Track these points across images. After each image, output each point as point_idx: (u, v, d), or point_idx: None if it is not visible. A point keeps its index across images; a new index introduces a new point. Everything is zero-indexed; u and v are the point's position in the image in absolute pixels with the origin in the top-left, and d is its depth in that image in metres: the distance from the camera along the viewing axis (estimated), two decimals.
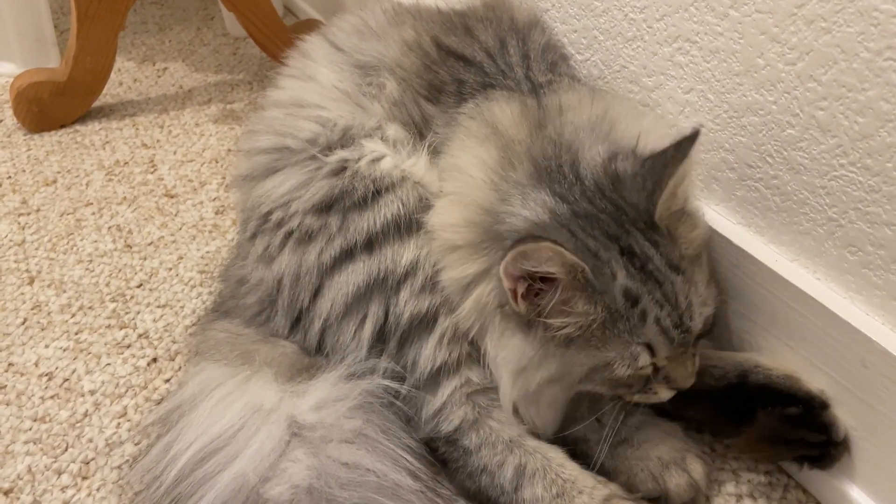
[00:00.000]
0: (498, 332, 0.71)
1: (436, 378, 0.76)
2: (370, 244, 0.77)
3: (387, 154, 0.81)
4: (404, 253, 0.76)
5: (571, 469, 0.74)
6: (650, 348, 0.67)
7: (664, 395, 0.72)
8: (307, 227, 0.79)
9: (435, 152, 0.81)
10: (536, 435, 0.77)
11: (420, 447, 0.76)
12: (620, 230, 0.67)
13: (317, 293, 0.80)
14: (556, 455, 0.75)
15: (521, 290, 0.66)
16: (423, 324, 0.76)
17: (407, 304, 0.76)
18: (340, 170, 0.80)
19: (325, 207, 0.79)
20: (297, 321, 0.82)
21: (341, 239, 0.78)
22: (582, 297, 0.66)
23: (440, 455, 0.77)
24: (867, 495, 0.71)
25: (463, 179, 0.75)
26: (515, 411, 0.76)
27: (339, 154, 0.81)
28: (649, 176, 0.68)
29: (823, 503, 0.76)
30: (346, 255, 0.78)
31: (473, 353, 0.77)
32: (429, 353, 0.75)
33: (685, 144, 0.67)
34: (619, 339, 0.67)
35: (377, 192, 0.78)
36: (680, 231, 0.69)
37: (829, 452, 0.72)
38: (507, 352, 0.71)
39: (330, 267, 0.78)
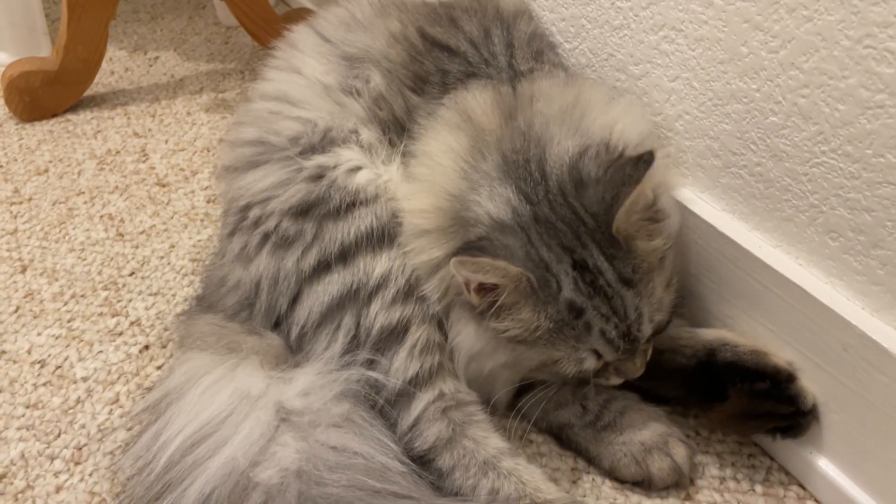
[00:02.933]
0: (455, 317, 0.74)
1: (409, 389, 0.76)
2: (344, 255, 0.78)
3: (362, 165, 0.81)
4: (377, 266, 0.77)
5: (548, 492, 0.73)
6: (597, 353, 0.70)
7: (614, 381, 0.75)
8: (284, 231, 0.80)
9: (406, 161, 0.81)
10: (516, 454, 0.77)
11: None
12: (576, 242, 0.68)
13: (295, 300, 0.80)
14: (533, 477, 0.74)
15: (473, 284, 0.68)
16: (394, 335, 0.76)
17: (377, 315, 0.76)
18: (318, 176, 0.81)
19: (301, 212, 0.80)
20: (276, 325, 0.83)
21: (317, 248, 0.78)
22: (526, 305, 0.68)
23: None
24: (850, 478, 0.73)
25: (432, 166, 0.76)
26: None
27: (318, 160, 0.81)
28: (609, 187, 0.68)
29: (807, 486, 0.77)
30: (324, 265, 0.78)
31: (446, 363, 0.78)
32: (399, 364, 0.76)
33: (641, 166, 0.67)
34: (566, 343, 0.70)
35: (352, 203, 0.79)
36: (638, 242, 0.69)
37: (798, 422, 0.74)
38: (461, 338, 0.74)
39: (308, 276, 0.79)
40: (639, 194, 0.67)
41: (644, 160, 0.67)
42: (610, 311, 0.68)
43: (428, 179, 0.76)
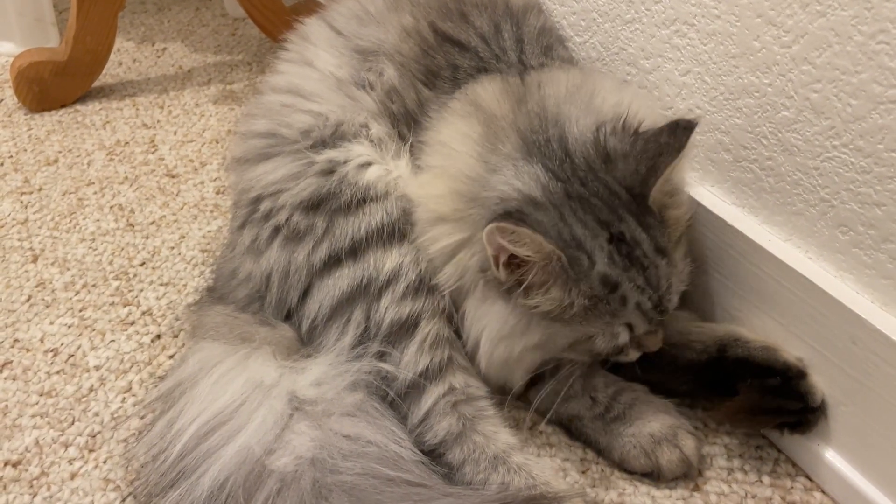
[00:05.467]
0: (480, 299, 0.73)
1: (419, 384, 0.76)
2: (354, 250, 0.78)
3: (373, 161, 0.82)
4: (387, 261, 0.78)
5: (558, 486, 0.73)
6: (630, 327, 0.71)
7: (633, 356, 0.76)
8: (295, 225, 0.81)
9: (416, 155, 0.81)
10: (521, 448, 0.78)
11: None
12: (613, 216, 0.69)
13: (305, 293, 0.81)
14: (543, 472, 0.74)
15: (503, 258, 0.68)
16: (404, 329, 0.77)
17: (388, 310, 0.77)
18: (329, 171, 0.81)
19: (312, 206, 0.80)
20: (288, 318, 0.84)
21: (328, 242, 0.79)
22: (556, 284, 0.68)
23: None
24: (857, 470, 0.73)
25: (446, 153, 0.77)
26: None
27: (328, 154, 0.82)
28: (643, 159, 0.69)
29: (814, 477, 0.78)
30: (334, 260, 0.79)
31: (456, 357, 0.78)
32: (410, 357, 0.76)
33: (681, 134, 0.68)
34: (600, 319, 0.70)
35: (363, 199, 0.79)
36: (670, 212, 0.71)
37: (807, 418, 0.75)
38: (489, 319, 0.73)
39: (319, 270, 0.80)
40: (679, 162, 0.68)
41: (683, 127, 0.67)
42: (645, 282, 0.69)
43: (442, 166, 0.77)
